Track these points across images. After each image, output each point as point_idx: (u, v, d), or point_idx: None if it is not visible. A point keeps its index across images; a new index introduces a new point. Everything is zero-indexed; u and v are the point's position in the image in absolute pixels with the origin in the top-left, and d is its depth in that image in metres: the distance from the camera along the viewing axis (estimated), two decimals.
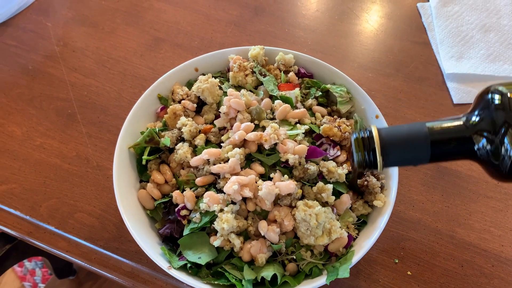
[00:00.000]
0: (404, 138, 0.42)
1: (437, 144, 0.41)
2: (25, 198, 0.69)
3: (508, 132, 0.38)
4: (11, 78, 0.81)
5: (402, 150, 0.42)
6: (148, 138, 0.61)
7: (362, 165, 0.43)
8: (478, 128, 0.40)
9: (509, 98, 0.39)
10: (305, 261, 0.54)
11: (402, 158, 0.43)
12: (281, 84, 0.66)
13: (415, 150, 0.42)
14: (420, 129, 0.42)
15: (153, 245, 0.55)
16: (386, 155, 0.42)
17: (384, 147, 0.42)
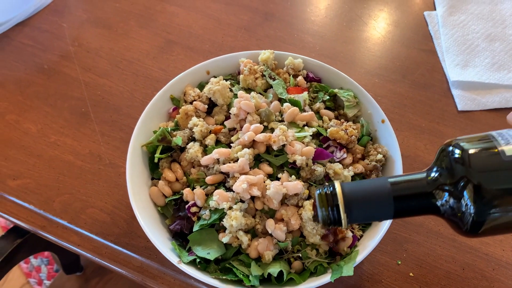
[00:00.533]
0: (367, 194, 0.40)
1: (400, 200, 0.40)
2: (39, 193, 0.71)
3: (467, 188, 0.37)
4: (27, 77, 0.84)
5: (365, 206, 0.40)
6: (160, 137, 0.63)
7: (327, 222, 0.41)
8: (438, 183, 0.40)
9: (468, 154, 0.38)
10: (311, 259, 0.56)
11: (366, 214, 0.41)
12: (290, 88, 0.68)
13: (378, 206, 0.40)
14: (383, 185, 0.40)
15: (164, 240, 0.57)
16: (350, 211, 0.40)
17: (347, 204, 0.40)
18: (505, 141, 0.38)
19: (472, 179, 0.37)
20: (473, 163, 0.38)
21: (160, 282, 0.64)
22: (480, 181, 0.37)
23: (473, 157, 0.38)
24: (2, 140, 0.76)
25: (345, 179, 0.58)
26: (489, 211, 0.37)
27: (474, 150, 0.38)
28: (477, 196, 0.37)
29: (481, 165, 0.37)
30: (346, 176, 0.58)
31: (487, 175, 0.37)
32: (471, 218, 0.38)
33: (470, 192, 0.37)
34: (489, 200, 0.37)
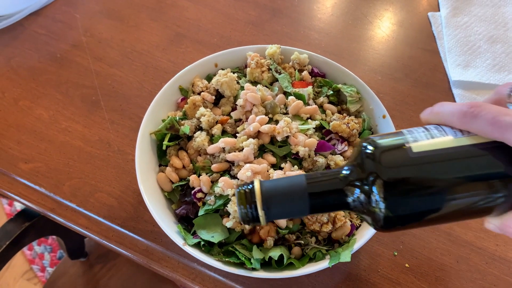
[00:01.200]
0: (284, 191, 0.41)
1: (315, 197, 0.40)
2: (49, 176, 0.74)
3: (377, 184, 0.38)
4: (41, 65, 0.86)
5: (283, 203, 0.41)
6: (169, 126, 0.65)
7: (246, 219, 0.42)
8: (349, 180, 0.40)
9: (378, 150, 0.39)
10: (310, 246, 0.58)
11: (284, 211, 0.41)
12: (295, 82, 0.70)
13: (295, 203, 0.41)
14: (300, 182, 0.41)
15: (170, 224, 0.59)
16: (268, 208, 0.40)
17: (265, 201, 0.40)
18: (414, 138, 0.39)
19: (381, 175, 0.37)
20: (383, 159, 0.38)
21: (164, 265, 0.66)
22: (388, 177, 0.37)
23: (383, 153, 0.39)
24: (15, 125, 0.79)
25: None
26: (398, 207, 0.38)
27: (384, 146, 0.39)
28: (387, 192, 0.37)
29: (390, 161, 0.38)
30: None
31: (395, 171, 0.37)
32: (382, 214, 0.38)
33: (379, 188, 0.37)
34: (398, 196, 0.37)
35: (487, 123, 0.37)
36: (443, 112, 0.40)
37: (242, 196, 0.41)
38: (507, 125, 0.35)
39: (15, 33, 0.91)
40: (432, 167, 0.37)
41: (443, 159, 0.37)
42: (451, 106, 0.40)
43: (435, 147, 0.38)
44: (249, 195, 0.41)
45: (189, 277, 0.65)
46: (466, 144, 0.38)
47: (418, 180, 0.37)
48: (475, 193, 0.37)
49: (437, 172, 0.37)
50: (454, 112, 0.39)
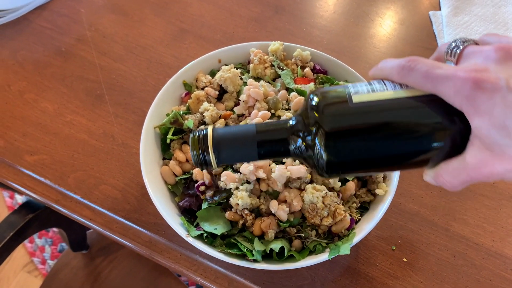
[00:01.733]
0: (235, 137, 0.44)
1: (263, 144, 0.43)
2: (54, 168, 0.75)
3: (318, 134, 0.40)
4: (46, 58, 0.87)
5: (232, 148, 0.43)
6: (173, 120, 0.66)
7: (198, 162, 0.44)
8: (294, 129, 0.43)
9: (322, 101, 0.41)
10: (310, 239, 0.60)
11: (233, 156, 0.44)
12: (297, 78, 0.71)
13: (244, 149, 0.43)
14: (250, 130, 0.44)
15: (173, 216, 0.60)
16: (219, 152, 0.43)
17: (216, 146, 0.43)
18: (355, 90, 0.41)
19: (323, 125, 0.40)
20: (325, 110, 0.40)
21: (166, 256, 0.67)
22: (329, 127, 0.40)
23: (325, 105, 0.41)
24: (21, 117, 0.80)
25: None
26: (338, 154, 0.40)
27: (327, 98, 0.41)
28: (327, 141, 0.40)
29: (331, 112, 0.40)
30: None
31: (335, 120, 0.40)
32: (323, 161, 0.41)
33: (321, 137, 0.40)
34: (338, 144, 0.40)
35: (421, 76, 0.38)
36: (385, 67, 0.42)
37: (195, 140, 0.43)
38: (439, 77, 0.37)
39: (21, 26, 0.92)
40: (368, 117, 0.39)
41: (379, 109, 0.39)
42: (392, 61, 0.41)
43: (373, 98, 0.40)
44: (201, 140, 0.43)
45: (191, 268, 0.66)
46: (402, 96, 0.40)
47: (355, 129, 0.40)
48: (408, 143, 0.40)
49: (372, 122, 0.39)
50: (393, 66, 0.40)
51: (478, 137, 0.37)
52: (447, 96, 0.37)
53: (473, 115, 0.36)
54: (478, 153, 0.37)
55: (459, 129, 0.38)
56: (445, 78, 0.36)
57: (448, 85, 0.36)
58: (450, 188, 0.41)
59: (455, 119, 0.38)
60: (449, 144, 0.39)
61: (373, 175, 0.44)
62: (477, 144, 0.37)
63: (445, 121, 0.39)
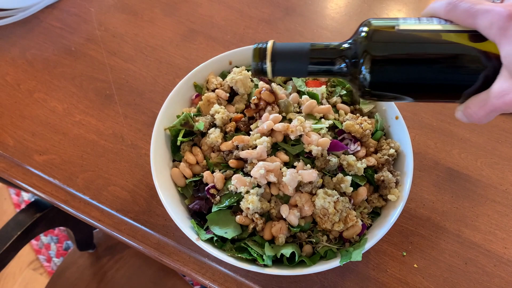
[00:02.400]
0: (291, 52, 0.49)
1: (314, 62, 0.48)
2: (63, 168, 0.75)
3: (365, 56, 0.45)
4: (55, 58, 0.87)
5: (287, 61, 0.49)
6: (183, 122, 0.66)
7: (256, 70, 0.50)
8: (346, 52, 0.47)
9: (373, 30, 0.46)
10: (321, 244, 0.59)
11: (286, 67, 0.50)
12: (308, 81, 0.71)
13: (297, 63, 0.49)
14: (305, 47, 0.48)
15: (183, 219, 0.60)
16: (274, 63, 0.49)
17: (273, 56, 0.48)
18: (404, 19, 0.46)
19: (369, 48, 0.45)
20: (373, 33, 0.46)
21: (175, 259, 0.67)
22: (375, 49, 0.45)
23: (374, 32, 0.46)
24: (30, 117, 0.80)
25: (358, 171, 0.61)
26: (380, 76, 0.46)
27: (376, 26, 0.46)
28: (372, 63, 0.45)
29: (378, 35, 0.46)
30: (359, 168, 0.61)
31: (381, 43, 0.45)
32: (366, 82, 0.46)
33: (366, 59, 0.45)
34: (380, 66, 0.45)
35: (463, 10, 0.43)
36: (433, 6, 0.47)
37: (256, 51, 0.50)
38: (478, 11, 0.41)
39: (31, 25, 0.92)
40: (411, 43, 0.45)
41: (422, 38, 0.44)
42: (441, 0, 0.46)
43: (419, 27, 0.45)
44: (262, 51, 0.49)
45: (200, 271, 0.66)
46: (445, 29, 0.44)
47: (399, 53, 0.45)
48: (445, 71, 0.44)
49: (415, 48, 0.45)
50: (441, 3, 0.45)
51: (506, 66, 0.41)
52: (483, 28, 0.41)
53: (503, 44, 0.40)
54: (503, 83, 0.41)
55: (492, 65, 0.42)
56: (483, 12, 0.41)
57: (485, 18, 0.41)
58: (476, 120, 0.45)
59: (490, 55, 0.42)
60: (481, 78, 0.43)
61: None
62: (504, 74, 0.41)
63: (480, 56, 0.43)
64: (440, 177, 0.75)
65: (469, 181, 0.75)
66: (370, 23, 0.46)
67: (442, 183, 0.74)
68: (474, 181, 0.75)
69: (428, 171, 0.75)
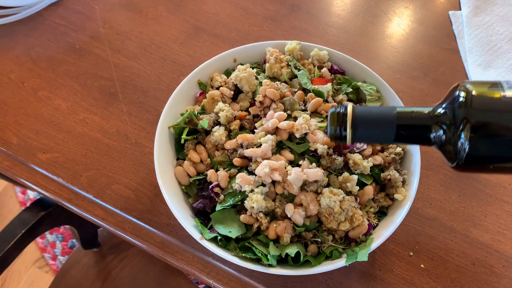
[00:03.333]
0: (374, 118, 0.46)
1: (402, 128, 0.45)
2: (67, 167, 0.74)
3: (466, 127, 0.41)
4: (59, 55, 0.87)
5: (370, 128, 0.46)
6: (187, 120, 0.65)
7: (333, 136, 0.47)
8: (440, 119, 0.44)
9: (472, 96, 0.41)
10: (326, 244, 0.58)
11: (369, 135, 0.47)
12: (314, 79, 0.70)
13: (382, 130, 0.45)
14: (390, 112, 0.45)
15: (187, 217, 0.59)
16: (356, 130, 0.46)
17: (354, 123, 0.45)
18: (509, 85, 0.41)
19: (470, 117, 0.40)
20: (474, 101, 0.41)
21: (179, 258, 0.66)
22: (477, 120, 0.40)
23: (475, 97, 0.41)
24: (34, 115, 0.79)
25: (364, 169, 0.60)
26: (481, 149, 0.41)
27: (478, 89, 0.41)
28: (472, 133, 0.40)
29: (481, 103, 0.41)
30: (365, 166, 0.60)
31: (484, 113, 0.40)
32: (465, 154, 0.41)
33: (466, 129, 0.40)
34: (481, 138, 0.40)
35: None
36: None
37: (334, 115, 0.47)
38: None
39: (35, 23, 0.92)
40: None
41: None
42: None
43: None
44: (341, 116, 0.46)
45: (204, 271, 0.65)
46: None
47: (505, 125, 0.40)
48: None
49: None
50: None
51: None
52: None
53: None
54: None
55: None
56: None
57: None
58: None
59: None
60: None
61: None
62: None
63: None
64: (447, 176, 0.74)
65: (477, 180, 0.73)
66: (468, 87, 0.42)
67: (449, 182, 0.73)
68: (482, 180, 0.73)
69: (436, 170, 0.74)
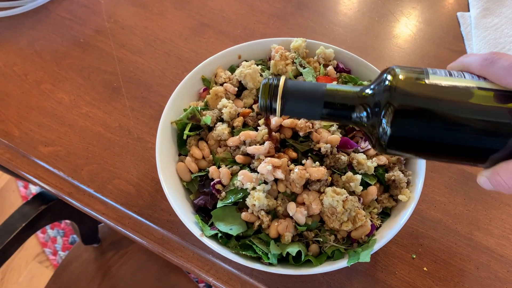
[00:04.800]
0: (304, 92, 0.45)
1: (329, 106, 0.44)
2: (68, 160, 0.74)
3: (388, 111, 0.41)
4: (64, 49, 0.86)
5: (299, 102, 0.45)
6: (190, 115, 0.65)
7: (263, 107, 0.46)
8: (365, 101, 0.43)
9: (397, 80, 0.41)
10: (328, 244, 0.57)
11: (297, 109, 0.46)
12: (319, 77, 0.69)
13: (310, 105, 0.45)
14: (320, 88, 0.45)
15: (187, 214, 0.59)
16: (285, 102, 0.45)
17: (284, 95, 0.45)
18: (433, 71, 0.41)
19: (393, 100, 0.41)
20: (398, 84, 0.41)
21: (179, 255, 0.66)
22: (399, 102, 0.40)
23: (400, 79, 0.41)
24: (37, 108, 0.79)
25: (368, 169, 0.59)
26: (402, 132, 0.41)
27: (403, 73, 0.42)
28: (394, 116, 0.40)
29: (404, 86, 0.41)
30: (369, 166, 0.59)
31: (406, 96, 0.40)
32: (386, 136, 0.42)
33: (388, 112, 0.41)
34: (403, 121, 0.41)
35: (502, 69, 0.39)
36: (466, 60, 0.43)
37: (266, 86, 0.46)
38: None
39: (40, 16, 0.91)
40: (440, 99, 0.40)
41: (452, 94, 0.40)
42: (475, 54, 0.42)
43: (449, 82, 0.40)
44: (272, 88, 0.45)
45: (204, 268, 0.65)
46: (479, 86, 0.40)
47: (425, 109, 0.40)
48: (473, 135, 0.39)
49: (443, 105, 0.39)
50: (476, 58, 0.41)
51: None
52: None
53: None
54: None
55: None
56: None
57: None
58: (506, 189, 0.40)
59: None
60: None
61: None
62: None
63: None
64: (452, 179, 0.73)
65: None
66: (396, 72, 0.42)
67: (454, 184, 0.72)
68: None
69: (441, 172, 0.73)
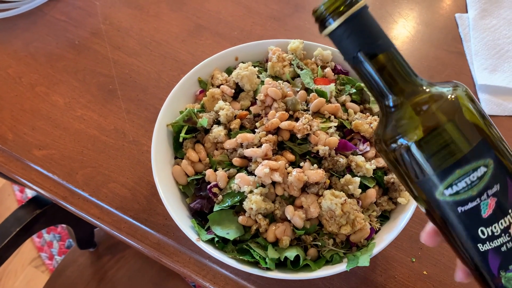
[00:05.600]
0: (369, 29, 0.40)
1: (378, 64, 0.41)
2: (63, 164, 0.73)
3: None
4: (58, 51, 0.86)
5: (354, 35, 0.39)
6: (186, 118, 0.64)
7: (320, 17, 0.40)
8: (418, 92, 0.42)
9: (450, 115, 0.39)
10: (327, 248, 0.56)
11: (347, 39, 0.40)
12: (317, 78, 0.68)
13: (357, 43, 0.40)
14: (386, 44, 0.41)
15: (183, 218, 0.58)
16: (346, 25, 0.39)
17: (350, 19, 0.38)
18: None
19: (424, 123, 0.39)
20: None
21: (175, 259, 0.65)
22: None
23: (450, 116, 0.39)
24: (31, 110, 0.78)
25: (367, 172, 0.58)
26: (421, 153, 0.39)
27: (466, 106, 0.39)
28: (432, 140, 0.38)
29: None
30: (368, 169, 0.58)
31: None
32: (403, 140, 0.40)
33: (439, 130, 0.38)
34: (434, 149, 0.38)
35: None
36: None
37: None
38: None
39: (35, 18, 0.90)
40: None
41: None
42: None
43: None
44: (349, 2, 0.38)
45: (200, 273, 0.64)
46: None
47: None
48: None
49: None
50: None
51: None
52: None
53: None
54: None
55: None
56: None
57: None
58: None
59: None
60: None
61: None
62: None
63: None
64: None
65: None
66: (462, 93, 0.40)
67: None
68: None
69: None
